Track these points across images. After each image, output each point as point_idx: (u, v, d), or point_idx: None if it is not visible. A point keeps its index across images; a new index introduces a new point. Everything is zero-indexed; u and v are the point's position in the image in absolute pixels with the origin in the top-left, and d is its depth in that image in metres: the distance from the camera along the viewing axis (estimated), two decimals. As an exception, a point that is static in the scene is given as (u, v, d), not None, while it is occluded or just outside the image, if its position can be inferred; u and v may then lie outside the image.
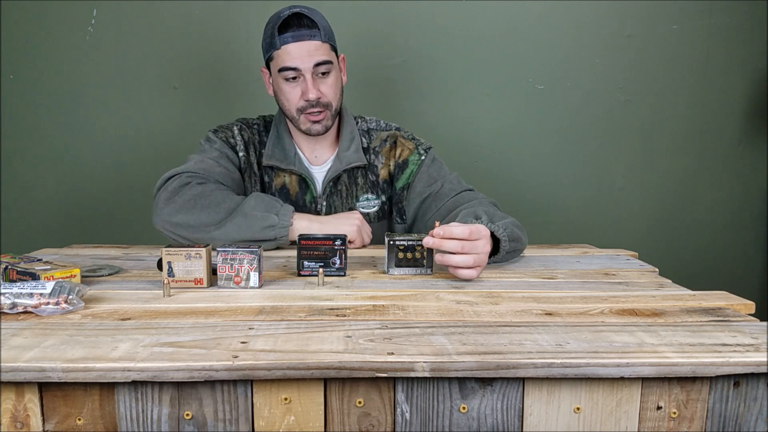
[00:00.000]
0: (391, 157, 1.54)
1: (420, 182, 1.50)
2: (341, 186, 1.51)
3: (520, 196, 2.10)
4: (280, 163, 1.49)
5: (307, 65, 1.40)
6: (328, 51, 1.42)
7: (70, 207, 2.07)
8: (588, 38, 2.06)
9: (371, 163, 1.53)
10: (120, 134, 2.05)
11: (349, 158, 1.50)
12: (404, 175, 1.52)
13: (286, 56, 1.40)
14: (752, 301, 0.98)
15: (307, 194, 1.51)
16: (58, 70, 2.01)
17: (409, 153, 1.52)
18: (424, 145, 1.54)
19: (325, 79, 1.43)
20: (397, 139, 1.54)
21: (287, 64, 1.40)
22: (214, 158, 1.44)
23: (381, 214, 1.54)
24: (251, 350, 0.75)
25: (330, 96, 1.44)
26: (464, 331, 0.83)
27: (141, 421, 0.75)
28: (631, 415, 0.77)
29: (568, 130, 2.11)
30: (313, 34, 1.40)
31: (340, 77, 1.49)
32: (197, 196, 1.32)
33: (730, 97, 2.11)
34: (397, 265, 1.16)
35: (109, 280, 1.12)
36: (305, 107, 1.43)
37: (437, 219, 1.44)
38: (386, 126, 1.57)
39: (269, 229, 1.32)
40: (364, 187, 1.52)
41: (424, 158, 1.52)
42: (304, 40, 1.39)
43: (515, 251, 1.26)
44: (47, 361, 0.71)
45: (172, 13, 2.00)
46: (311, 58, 1.40)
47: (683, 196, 2.15)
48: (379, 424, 0.76)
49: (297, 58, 1.39)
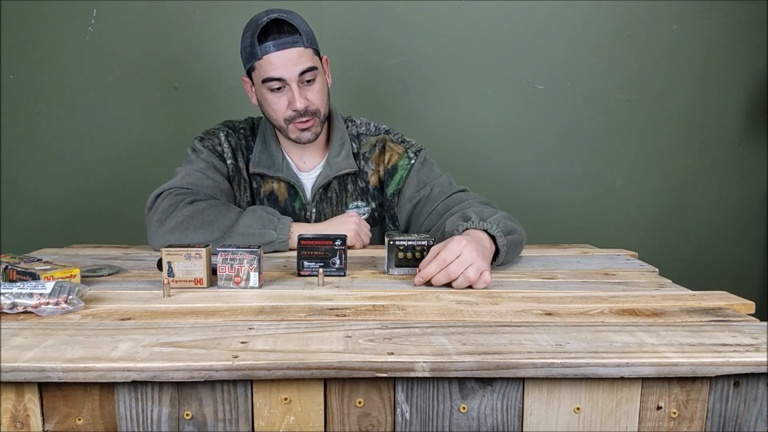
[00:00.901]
0: (380, 162, 1.50)
1: (410, 187, 1.47)
2: (331, 193, 1.49)
3: (519, 196, 2.10)
4: (268, 170, 1.46)
5: (292, 74, 1.35)
6: (311, 56, 1.38)
7: (70, 207, 2.07)
8: (588, 38, 2.06)
9: (361, 169, 1.50)
10: (120, 134, 2.05)
11: (339, 164, 1.46)
12: (394, 181, 1.49)
13: (269, 66, 1.35)
14: (752, 301, 0.98)
15: (296, 201, 1.48)
16: (58, 70, 2.01)
17: (398, 158, 1.48)
18: (414, 148, 1.50)
19: (311, 87, 1.39)
20: (386, 143, 1.50)
21: (271, 74, 1.35)
22: (200, 170, 1.41)
23: (372, 221, 1.51)
24: (251, 350, 0.75)
25: (318, 103, 1.40)
26: (464, 331, 0.83)
27: (141, 421, 0.75)
28: (631, 415, 0.77)
29: (568, 131, 2.11)
30: (295, 40, 1.35)
31: (325, 81, 1.44)
32: (189, 216, 1.31)
33: (730, 97, 2.11)
34: (398, 265, 1.16)
35: (109, 280, 1.12)
36: (293, 117, 1.39)
37: (429, 224, 1.43)
38: (375, 129, 1.53)
39: (268, 245, 1.33)
40: (354, 194, 1.50)
41: (413, 162, 1.48)
42: (287, 48, 1.34)
43: (515, 244, 1.24)
44: (47, 361, 0.71)
45: (172, 13, 1.99)
46: (295, 67, 1.35)
47: (683, 196, 2.15)
48: (379, 424, 0.76)
49: (281, 68, 1.34)
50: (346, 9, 2.01)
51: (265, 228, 1.33)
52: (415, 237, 1.16)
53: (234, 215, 1.34)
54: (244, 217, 1.33)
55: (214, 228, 1.30)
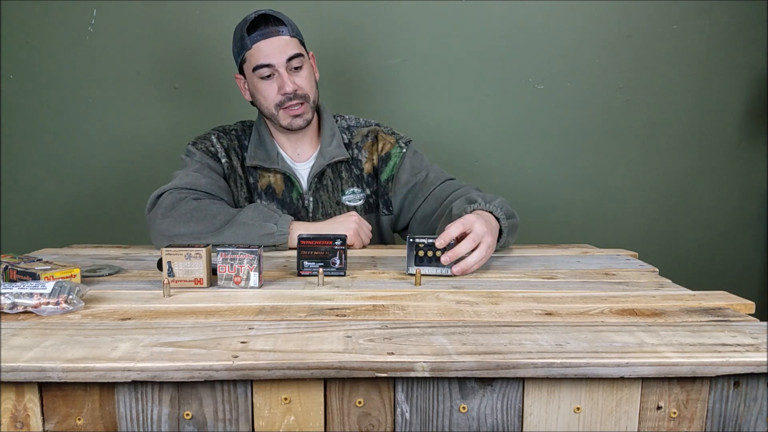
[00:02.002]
0: (374, 151, 1.58)
1: (405, 172, 1.55)
2: (326, 180, 1.55)
3: (519, 196, 2.10)
4: (264, 162, 1.52)
5: (280, 60, 1.44)
6: (297, 45, 1.47)
7: (70, 207, 2.07)
8: (588, 38, 2.06)
9: (354, 157, 1.57)
10: (120, 134, 2.05)
11: (331, 153, 1.53)
12: (388, 167, 1.56)
13: (258, 54, 1.44)
14: (752, 301, 0.98)
15: (293, 191, 1.53)
16: (58, 70, 2.00)
17: (390, 146, 1.57)
18: (404, 139, 1.59)
19: (299, 73, 1.47)
20: (378, 133, 1.59)
21: (260, 61, 1.44)
22: (197, 170, 1.46)
23: (367, 207, 1.57)
24: (251, 350, 0.75)
25: (306, 88, 1.48)
26: (464, 331, 0.83)
27: (141, 421, 0.75)
28: (631, 415, 0.77)
29: (568, 130, 2.11)
30: (281, 30, 1.45)
31: (312, 71, 1.53)
32: (194, 209, 1.35)
33: (730, 97, 2.11)
34: (417, 264, 1.16)
35: (109, 280, 1.12)
36: (283, 102, 1.46)
37: (426, 208, 1.50)
38: (365, 122, 1.62)
39: (267, 237, 1.35)
40: (349, 180, 1.56)
41: (405, 150, 1.56)
42: (273, 36, 1.44)
43: (513, 228, 1.33)
44: (47, 361, 0.71)
45: (172, 13, 1.99)
46: (283, 53, 1.44)
47: (683, 196, 2.15)
48: (379, 424, 0.76)
49: (269, 55, 1.44)
50: (345, 9, 2.01)
51: (266, 221, 1.35)
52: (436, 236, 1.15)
53: (236, 210, 1.38)
54: (247, 209, 1.37)
55: (217, 220, 1.34)
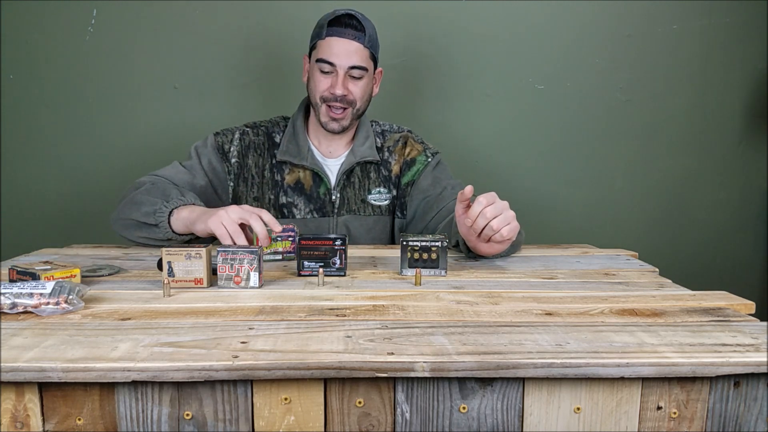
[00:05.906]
0: (402, 155, 1.61)
1: (425, 180, 1.58)
2: (354, 178, 1.57)
3: (520, 196, 2.10)
4: (294, 158, 1.53)
5: (343, 63, 1.45)
6: (366, 58, 1.48)
7: (70, 207, 2.07)
8: (588, 38, 2.06)
9: (384, 159, 1.59)
10: (120, 134, 2.05)
11: (363, 152, 1.56)
12: (411, 171, 1.59)
13: (327, 48, 1.46)
14: (752, 301, 0.98)
15: (321, 186, 1.55)
16: (58, 70, 2.00)
17: (417, 153, 1.60)
18: (432, 150, 1.62)
19: (356, 82, 1.48)
20: (408, 139, 1.62)
21: (325, 57, 1.45)
22: (189, 165, 1.49)
23: (391, 208, 1.60)
24: (251, 350, 0.75)
25: (357, 95, 1.49)
26: (464, 331, 0.83)
27: (141, 421, 0.75)
28: (631, 415, 0.77)
29: (568, 131, 2.11)
30: (358, 36, 1.46)
31: (371, 86, 1.54)
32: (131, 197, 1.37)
33: (730, 97, 2.11)
34: (411, 265, 1.16)
35: (109, 280, 1.12)
36: (329, 98, 1.47)
37: (438, 219, 1.50)
38: (398, 128, 1.65)
39: (150, 216, 1.29)
40: (377, 180, 1.58)
41: (430, 161, 1.59)
42: (347, 38, 1.45)
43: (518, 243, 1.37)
44: (47, 361, 0.71)
45: (172, 13, 1.99)
46: (348, 59, 1.45)
47: (683, 196, 2.15)
48: (379, 424, 0.76)
49: (335, 55, 1.45)
50: (346, 9, 2.00)
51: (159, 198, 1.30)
52: (429, 238, 1.15)
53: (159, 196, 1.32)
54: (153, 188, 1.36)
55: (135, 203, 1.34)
